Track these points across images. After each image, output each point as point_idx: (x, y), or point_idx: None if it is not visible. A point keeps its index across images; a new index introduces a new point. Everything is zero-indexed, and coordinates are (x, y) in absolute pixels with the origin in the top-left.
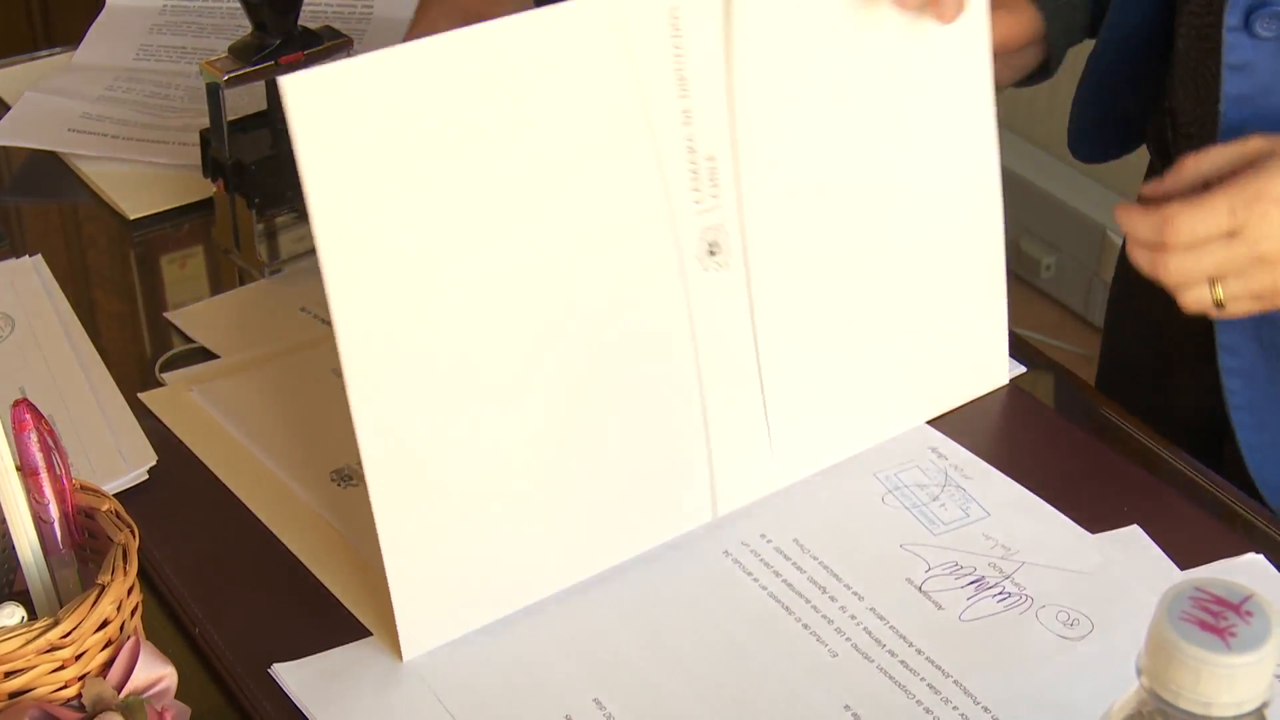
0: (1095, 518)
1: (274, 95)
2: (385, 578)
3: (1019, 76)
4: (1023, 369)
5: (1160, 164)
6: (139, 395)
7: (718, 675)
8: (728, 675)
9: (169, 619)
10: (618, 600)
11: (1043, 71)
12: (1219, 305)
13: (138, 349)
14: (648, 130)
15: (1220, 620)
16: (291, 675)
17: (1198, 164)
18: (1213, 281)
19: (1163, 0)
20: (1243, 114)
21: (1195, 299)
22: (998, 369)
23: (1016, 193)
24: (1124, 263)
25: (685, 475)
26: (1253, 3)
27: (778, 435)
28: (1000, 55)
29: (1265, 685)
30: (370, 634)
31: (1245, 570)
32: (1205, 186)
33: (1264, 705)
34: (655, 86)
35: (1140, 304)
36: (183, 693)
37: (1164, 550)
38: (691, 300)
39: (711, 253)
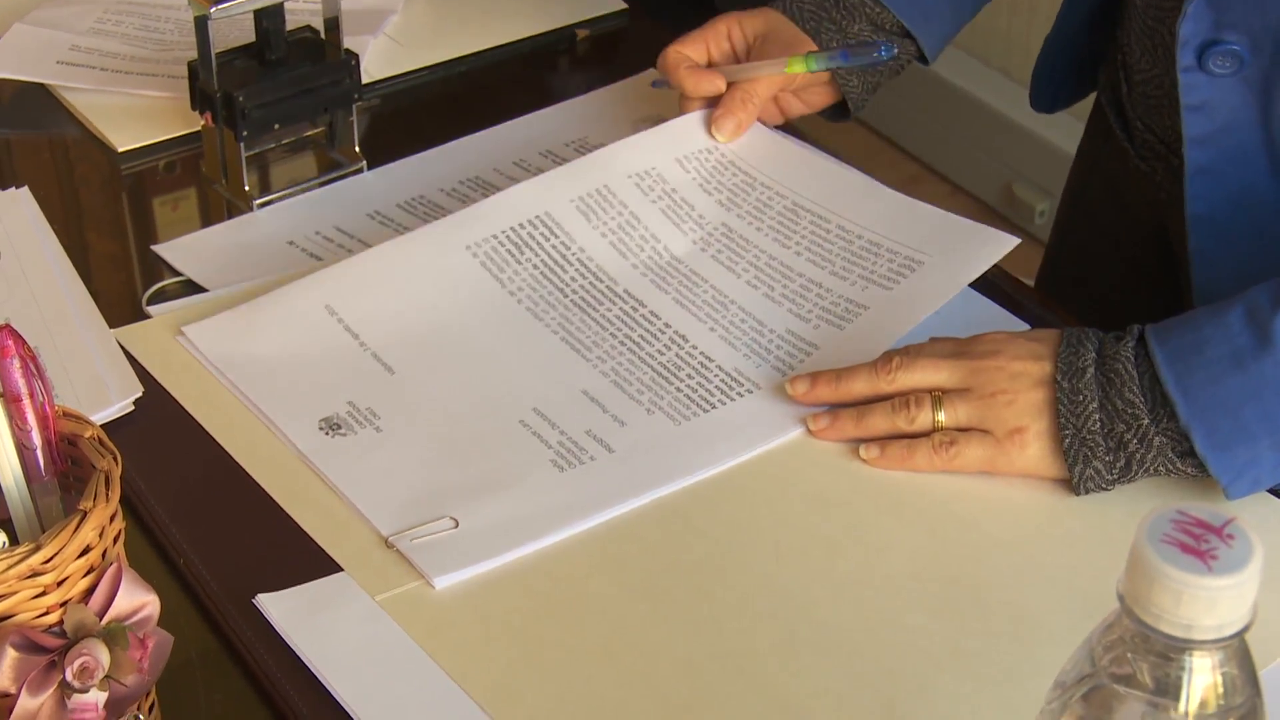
0: None
1: (262, 26)
2: (364, 520)
3: (821, 108)
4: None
5: (1113, 114)
6: (120, 331)
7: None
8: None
9: (153, 549)
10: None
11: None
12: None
13: (125, 281)
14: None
15: (1202, 543)
16: (275, 606)
17: None
18: (937, 400)
19: None
20: (1207, 154)
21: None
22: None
23: (1010, 138)
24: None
25: None
26: (1204, 41)
27: None
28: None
29: (1247, 609)
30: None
31: None
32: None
33: (1245, 629)
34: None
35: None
36: (166, 621)
37: None
38: None
39: None
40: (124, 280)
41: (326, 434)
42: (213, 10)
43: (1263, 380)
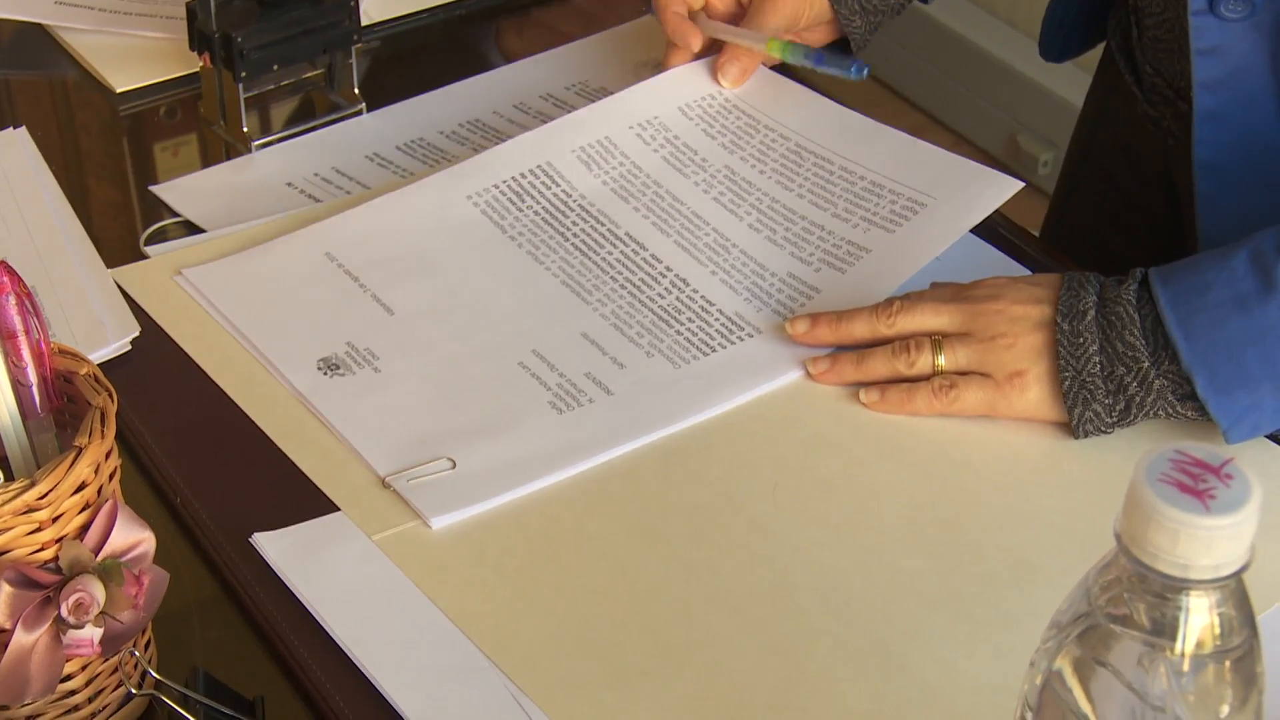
0: None
1: None
2: (361, 460)
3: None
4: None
5: (1122, 60)
6: (118, 271)
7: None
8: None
9: (149, 487)
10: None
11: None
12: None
13: (123, 221)
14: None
15: (1200, 483)
16: (272, 545)
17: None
18: (937, 345)
19: None
20: (1216, 99)
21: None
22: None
23: (1014, 89)
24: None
25: None
26: None
27: None
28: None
29: (1244, 549)
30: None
31: None
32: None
33: (1242, 569)
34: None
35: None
36: (161, 559)
37: None
38: None
39: None
40: (122, 220)
41: (325, 374)
42: None
43: (1266, 324)
